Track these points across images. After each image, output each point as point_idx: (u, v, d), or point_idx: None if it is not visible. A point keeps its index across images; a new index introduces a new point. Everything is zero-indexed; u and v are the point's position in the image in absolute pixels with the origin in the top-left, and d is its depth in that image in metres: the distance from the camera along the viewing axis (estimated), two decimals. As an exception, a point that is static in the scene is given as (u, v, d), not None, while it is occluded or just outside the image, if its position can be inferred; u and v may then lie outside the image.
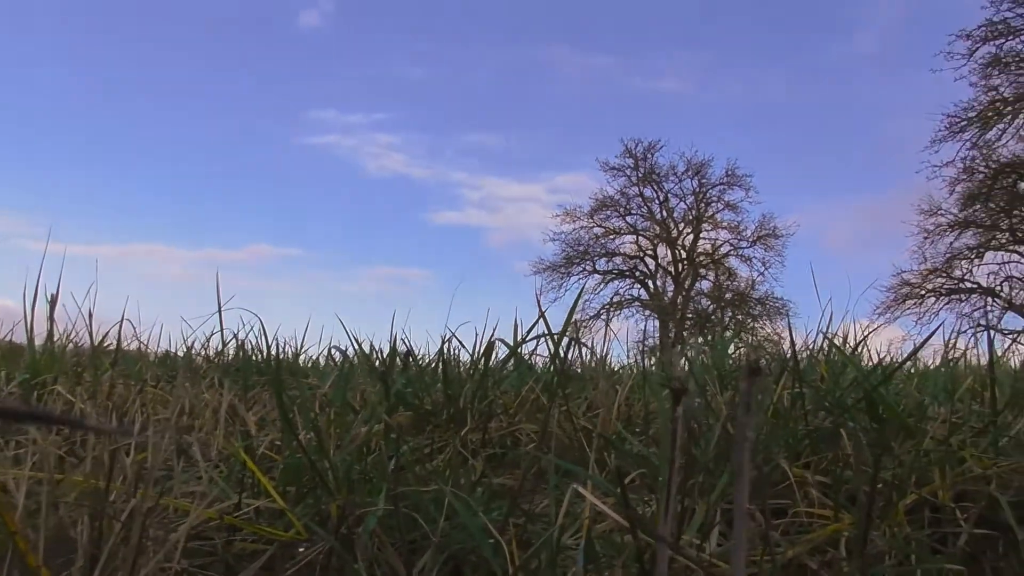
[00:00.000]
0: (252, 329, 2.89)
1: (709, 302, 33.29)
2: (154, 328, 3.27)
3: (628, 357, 3.37)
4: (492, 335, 2.35)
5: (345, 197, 40.91)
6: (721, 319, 31.98)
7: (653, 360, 3.13)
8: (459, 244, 40.94)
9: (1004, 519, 1.39)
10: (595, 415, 2.02)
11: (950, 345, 2.42)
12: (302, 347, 3.25)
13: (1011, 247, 26.71)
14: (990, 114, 24.02)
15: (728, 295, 32.70)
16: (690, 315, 32.19)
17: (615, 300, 33.17)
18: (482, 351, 2.31)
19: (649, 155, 33.36)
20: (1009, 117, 24.01)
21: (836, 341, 2.66)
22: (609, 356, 3.06)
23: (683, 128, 50.17)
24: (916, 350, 1.68)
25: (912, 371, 2.27)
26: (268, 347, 2.86)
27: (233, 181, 40.69)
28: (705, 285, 33.96)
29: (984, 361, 2.41)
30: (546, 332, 2.31)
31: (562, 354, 2.19)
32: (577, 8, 42.09)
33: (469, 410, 1.98)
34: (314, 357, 3.37)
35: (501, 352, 2.40)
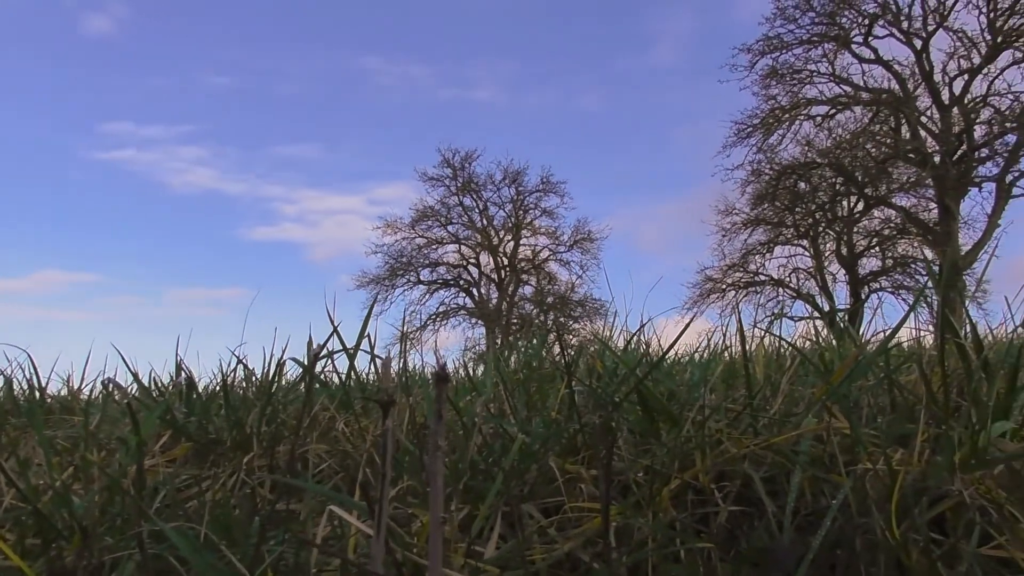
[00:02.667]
0: (21, 366, 2.63)
1: (532, 306, 34.17)
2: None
3: (457, 366, 3.36)
4: (283, 354, 2.26)
5: (147, 216, 38.11)
6: (544, 322, 32.91)
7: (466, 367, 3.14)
8: (278, 261, 39.42)
9: (758, 495, 1.50)
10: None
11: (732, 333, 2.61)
12: (82, 382, 2.99)
13: (796, 241, 29.50)
14: (771, 121, 26.37)
15: (550, 299, 33.72)
16: (515, 320, 32.89)
17: (441, 310, 33.33)
18: (270, 371, 2.22)
19: (467, 164, 33.84)
20: (787, 123, 26.48)
21: (638, 337, 2.80)
22: (423, 367, 3.04)
23: (499, 137, 51.24)
24: (673, 343, 1.79)
25: (692, 361, 2.42)
26: (38, 385, 2.61)
27: (12, 202, 36.69)
28: (528, 290, 34.87)
29: (784, 347, 2.62)
30: (342, 348, 2.26)
31: (365, 368, 2.15)
32: (389, 18, 41.95)
33: (255, 435, 1.89)
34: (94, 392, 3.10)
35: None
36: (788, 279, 29.06)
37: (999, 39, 23.75)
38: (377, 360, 2.48)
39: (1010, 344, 1.72)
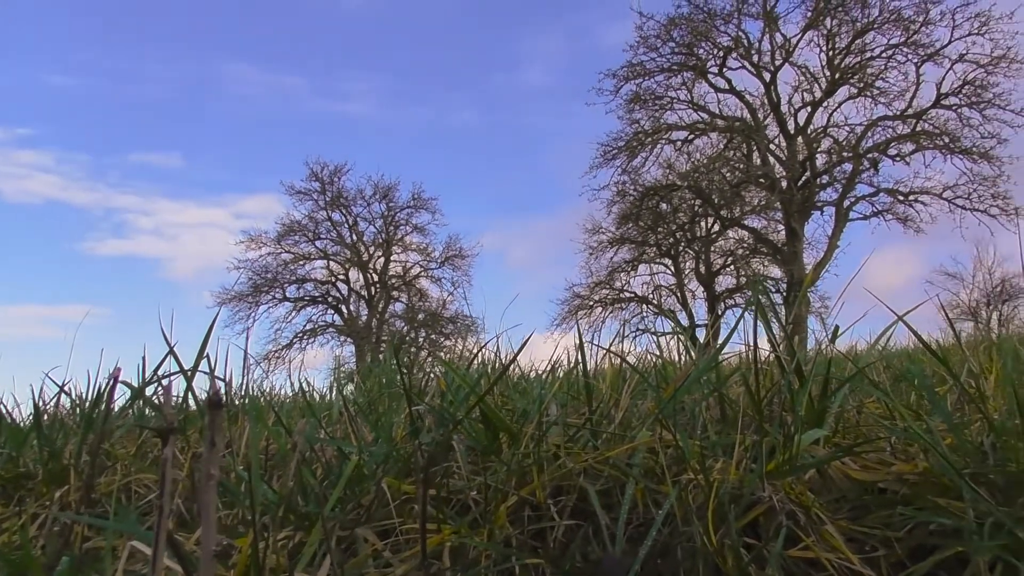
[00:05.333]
0: None
1: (403, 323, 33.85)
2: None
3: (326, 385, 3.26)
4: (112, 377, 2.12)
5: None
6: (415, 340, 32.66)
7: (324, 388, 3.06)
8: (131, 277, 36.97)
9: (593, 508, 1.53)
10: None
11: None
12: None
13: (658, 260, 30.72)
14: (635, 144, 27.41)
15: (421, 316, 33.52)
16: (385, 337, 32.46)
17: (309, 327, 32.45)
18: (99, 397, 2.07)
19: (336, 178, 33.26)
20: (650, 147, 27.59)
21: (485, 354, 2.81)
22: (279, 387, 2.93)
23: (372, 151, 50.67)
24: (511, 361, 1.81)
25: (538, 378, 2.46)
26: None
27: None
28: (399, 307, 34.54)
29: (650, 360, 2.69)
30: (179, 370, 2.14)
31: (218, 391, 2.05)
32: (261, 25, 40.69)
33: (73, 467, 1.76)
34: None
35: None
36: (651, 296, 30.22)
37: (837, 75, 25.75)
38: (217, 382, 2.37)
39: (817, 355, 1.84)
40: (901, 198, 25.48)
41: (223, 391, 2.41)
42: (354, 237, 33.95)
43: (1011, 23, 23.17)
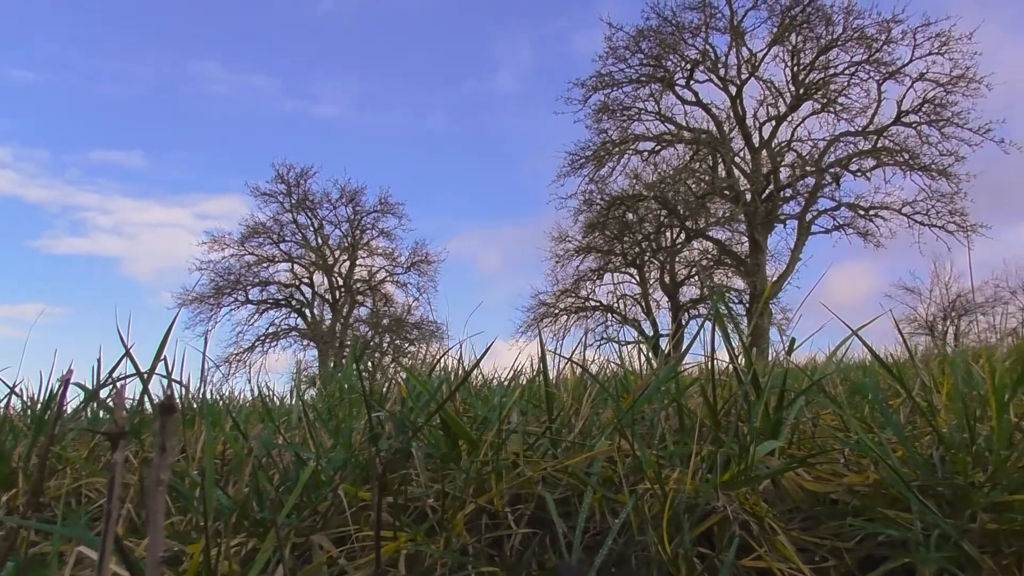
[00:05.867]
0: None
1: (368, 328, 33.64)
2: None
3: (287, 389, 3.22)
4: (64, 379, 2.08)
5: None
6: (380, 345, 32.48)
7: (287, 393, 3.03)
8: (89, 275, 36.12)
9: (551, 516, 1.54)
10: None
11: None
12: None
13: (623, 269, 30.93)
14: (602, 153, 27.60)
15: (386, 321, 33.34)
16: (349, 342, 32.22)
17: (271, 331, 32.10)
18: (51, 398, 2.03)
19: (302, 181, 32.99)
20: (617, 157, 27.80)
21: (446, 361, 2.80)
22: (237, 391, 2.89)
23: (342, 154, 50.33)
24: (473, 367, 1.81)
25: (500, 386, 2.46)
26: None
27: None
28: (363, 312, 34.31)
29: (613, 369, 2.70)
30: (135, 372, 2.10)
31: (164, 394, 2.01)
32: (232, 24, 40.19)
33: (22, 470, 1.72)
34: None
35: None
36: (616, 305, 30.40)
37: (801, 91, 26.21)
38: (176, 385, 2.34)
39: (773, 367, 1.87)
40: (862, 213, 25.98)
41: (180, 394, 2.38)
42: (319, 240, 33.69)
43: (970, 44, 23.84)
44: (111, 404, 2.24)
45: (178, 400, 2.63)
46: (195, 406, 2.50)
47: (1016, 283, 31.01)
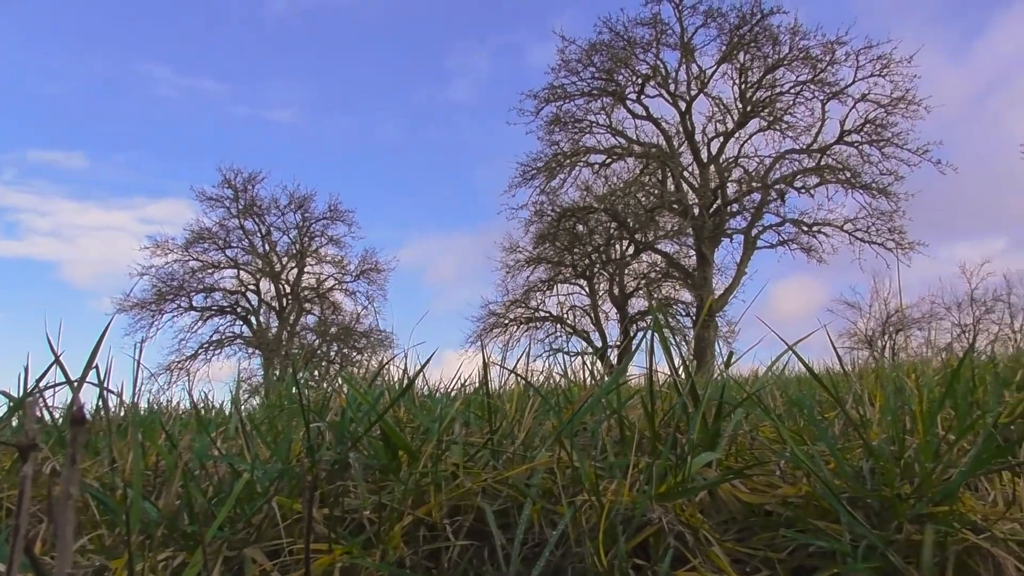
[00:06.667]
0: None
1: (315, 337, 33.21)
2: None
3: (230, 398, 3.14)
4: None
5: None
6: (327, 354, 32.09)
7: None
8: (22, 279, 34.87)
9: (490, 528, 1.53)
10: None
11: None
12: None
13: (573, 280, 31.15)
14: (554, 165, 27.79)
15: (333, 329, 32.96)
16: (296, 350, 31.76)
17: (215, 338, 31.47)
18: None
19: (250, 186, 32.51)
20: (568, 168, 28.01)
21: (389, 371, 2.78)
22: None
23: (290, 161, 49.71)
24: (415, 377, 1.80)
25: (445, 396, 2.45)
26: None
27: None
28: (311, 320, 33.88)
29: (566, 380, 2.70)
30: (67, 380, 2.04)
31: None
32: (183, 27, 39.38)
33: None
34: None
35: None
36: (566, 316, 30.58)
37: (748, 108, 26.80)
38: (107, 394, 2.27)
39: (709, 379, 1.89)
40: (805, 229, 26.62)
41: (114, 404, 2.32)
42: (267, 247, 33.18)
43: (910, 67, 24.68)
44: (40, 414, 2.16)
45: (112, 409, 2.55)
46: (128, 416, 2.43)
47: (951, 300, 32.16)
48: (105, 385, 2.09)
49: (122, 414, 2.29)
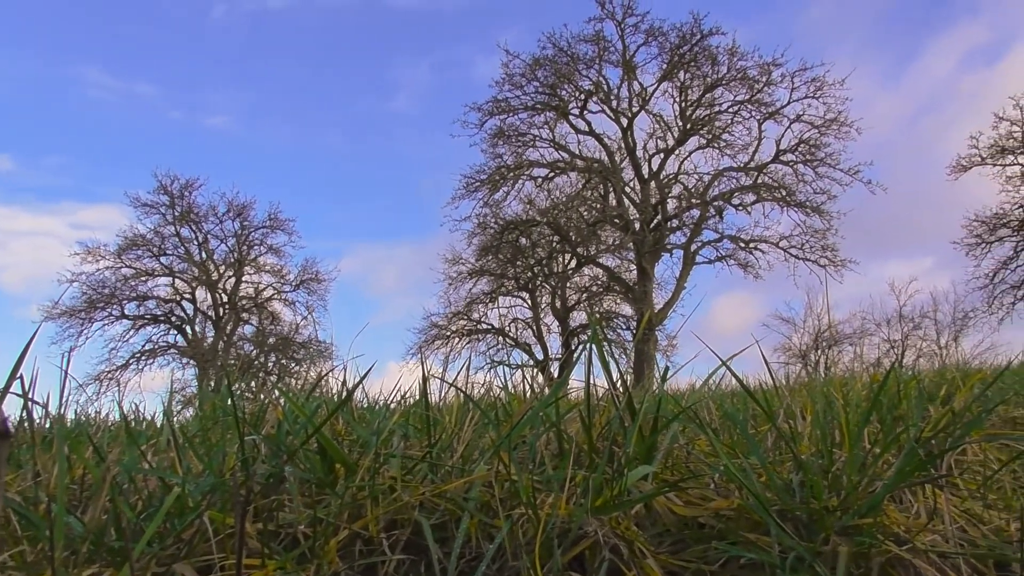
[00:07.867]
0: None
1: (252, 347, 32.55)
2: None
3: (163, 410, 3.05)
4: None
5: None
6: (265, 364, 31.46)
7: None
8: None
9: (427, 542, 1.52)
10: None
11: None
12: None
13: (516, 293, 31.23)
14: (497, 178, 27.90)
15: (272, 340, 32.36)
16: (232, 361, 31.06)
17: (148, 348, 30.57)
18: None
19: (187, 193, 31.78)
20: (512, 181, 28.17)
21: (326, 383, 2.75)
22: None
23: (229, 168, 48.77)
24: (354, 389, 1.79)
25: (382, 409, 2.43)
26: None
27: None
28: (248, 330, 33.20)
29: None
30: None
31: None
32: (118, 30, 38.30)
33: None
34: None
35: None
36: (508, 328, 30.62)
37: (688, 126, 27.38)
38: (32, 405, 2.19)
39: (647, 393, 1.93)
40: (742, 245, 27.25)
41: (38, 415, 2.23)
42: (204, 255, 32.45)
43: (842, 89, 25.57)
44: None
45: (37, 421, 2.46)
46: (54, 428, 2.34)
47: (881, 316, 33.27)
48: (30, 396, 2.02)
49: (47, 426, 2.21)
